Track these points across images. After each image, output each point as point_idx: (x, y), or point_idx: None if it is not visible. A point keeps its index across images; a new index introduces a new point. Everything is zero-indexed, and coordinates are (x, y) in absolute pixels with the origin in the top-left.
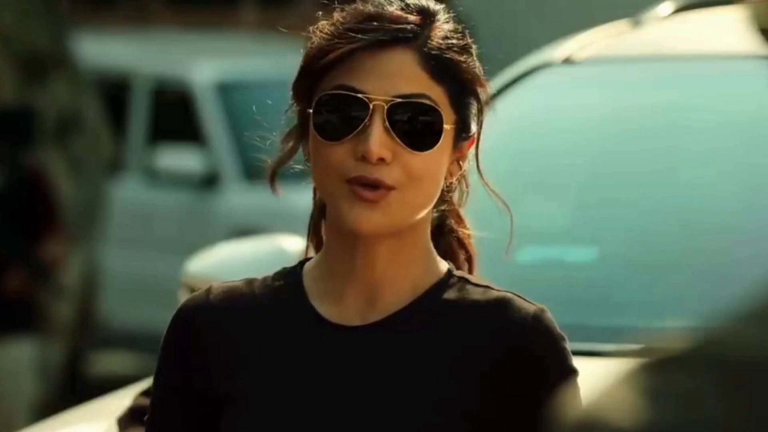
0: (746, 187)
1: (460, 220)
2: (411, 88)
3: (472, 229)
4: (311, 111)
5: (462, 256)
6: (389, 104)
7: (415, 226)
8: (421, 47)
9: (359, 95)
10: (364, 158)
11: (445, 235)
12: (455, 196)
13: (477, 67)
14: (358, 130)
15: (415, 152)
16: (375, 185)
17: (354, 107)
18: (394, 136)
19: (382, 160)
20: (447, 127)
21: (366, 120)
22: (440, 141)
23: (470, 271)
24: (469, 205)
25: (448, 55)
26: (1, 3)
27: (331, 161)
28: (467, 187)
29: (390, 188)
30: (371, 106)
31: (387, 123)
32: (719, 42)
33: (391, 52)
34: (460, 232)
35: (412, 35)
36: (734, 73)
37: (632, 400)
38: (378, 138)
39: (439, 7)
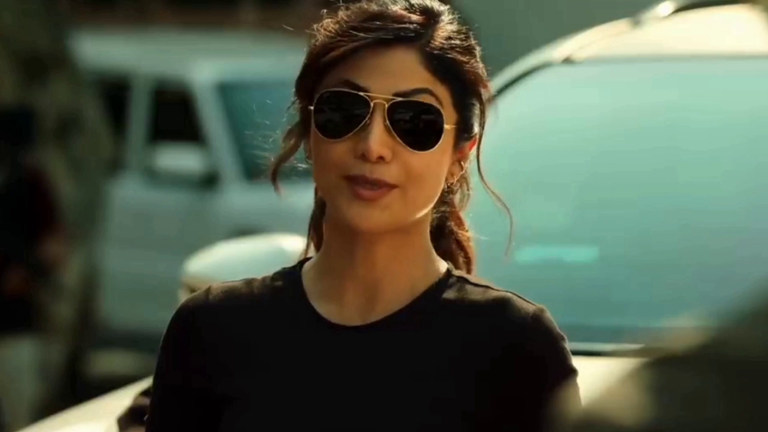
0: (746, 187)
1: (460, 222)
2: (412, 87)
3: (472, 232)
4: (313, 108)
5: (461, 259)
6: (390, 103)
7: (415, 225)
8: (424, 47)
9: (360, 93)
10: (363, 156)
11: (445, 237)
12: (456, 198)
13: (480, 68)
14: (358, 128)
15: (415, 151)
16: (375, 184)
17: (355, 105)
18: (395, 134)
19: (381, 158)
20: (448, 127)
21: (366, 118)
22: (440, 141)
23: (468, 274)
24: (470, 206)
25: (450, 56)
26: (1, 3)
27: (331, 158)
28: (468, 189)
29: (392, 186)
30: (372, 104)
31: (387, 121)
32: (719, 42)
33: (394, 51)
34: (460, 235)
35: (415, 35)
36: (734, 73)
37: (635, 398)
38: (378, 136)
39: (443, 7)
